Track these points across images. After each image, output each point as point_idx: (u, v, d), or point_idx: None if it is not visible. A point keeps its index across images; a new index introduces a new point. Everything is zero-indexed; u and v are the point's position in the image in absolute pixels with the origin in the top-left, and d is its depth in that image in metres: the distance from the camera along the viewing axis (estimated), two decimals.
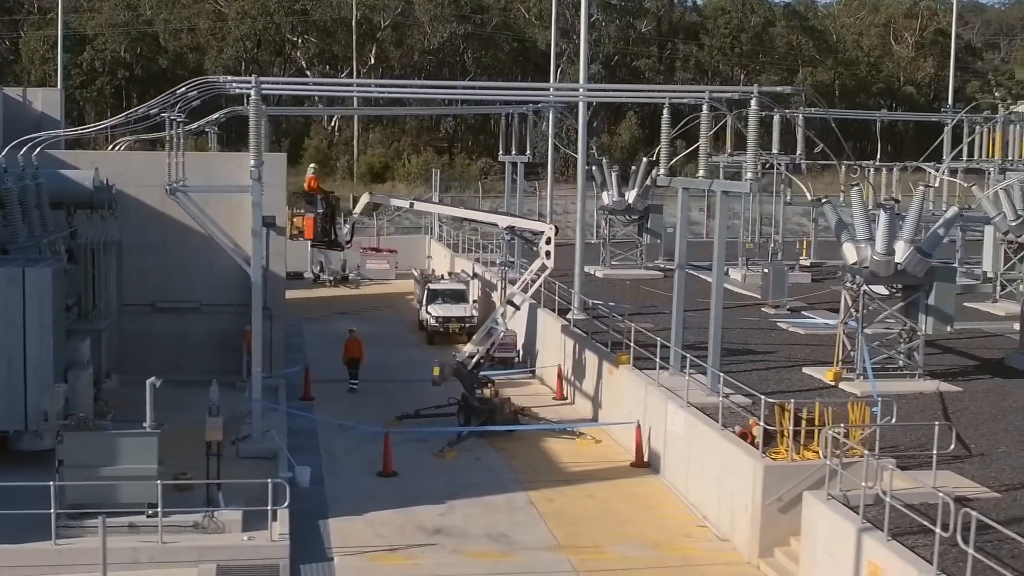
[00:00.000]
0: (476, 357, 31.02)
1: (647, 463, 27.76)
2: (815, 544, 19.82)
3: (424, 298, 44.39)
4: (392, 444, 27.34)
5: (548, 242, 30.49)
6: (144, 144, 47.73)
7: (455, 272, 50.28)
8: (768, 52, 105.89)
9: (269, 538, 20.89)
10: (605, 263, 48.87)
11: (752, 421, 23.50)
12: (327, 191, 33.07)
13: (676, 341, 29.17)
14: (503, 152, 47.72)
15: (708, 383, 26.87)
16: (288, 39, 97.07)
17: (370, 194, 33.24)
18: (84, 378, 25.60)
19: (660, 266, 48.81)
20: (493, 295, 43.25)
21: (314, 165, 35.60)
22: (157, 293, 34.17)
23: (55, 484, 20.07)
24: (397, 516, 23.88)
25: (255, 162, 26.30)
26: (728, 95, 28.56)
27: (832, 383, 28.06)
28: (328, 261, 57.17)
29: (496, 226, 34.44)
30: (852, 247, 28.55)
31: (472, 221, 44.00)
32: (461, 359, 31.07)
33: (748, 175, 25.72)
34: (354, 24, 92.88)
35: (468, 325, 41.62)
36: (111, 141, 47.88)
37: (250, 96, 26.64)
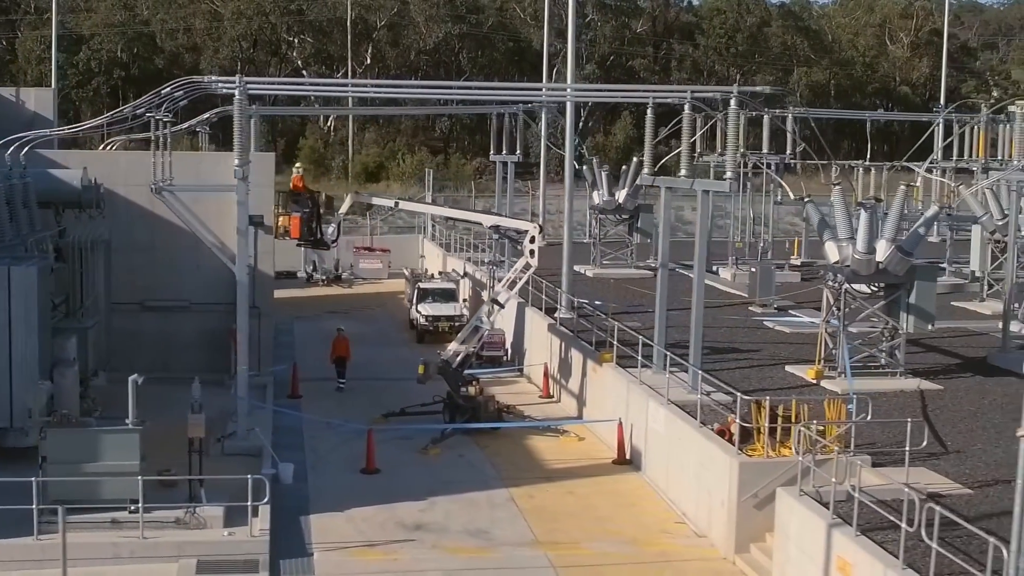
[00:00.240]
0: (461, 355, 31.23)
1: (629, 460, 27.95)
2: (788, 540, 20.02)
3: (414, 297, 44.63)
4: (376, 442, 27.53)
5: (532, 241, 30.74)
6: (139, 144, 47.83)
7: (446, 271, 50.47)
8: (764, 52, 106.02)
9: (249, 533, 21.10)
10: (596, 262, 49.06)
11: (730, 418, 23.67)
12: (312, 191, 33.28)
13: (659, 339, 29.38)
14: (494, 152, 47.97)
15: (689, 381, 27.07)
16: (284, 39, 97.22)
17: (356, 193, 33.42)
18: (70, 376, 25.81)
19: (651, 265, 48.88)
20: (483, 294, 43.39)
21: (299, 164, 35.80)
22: (146, 292, 34.29)
23: (36, 480, 20.27)
24: (378, 512, 24.07)
25: (239, 161, 26.52)
26: (710, 95, 28.78)
27: (814, 381, 28.25)
28: (321, 260, 57.28)
29: (481, 225, 34.64)
30: (834, 246, 28.74)
31: (458, 220, 44.14)
32: (446, 357, 31.29)
33: (728, 174, 25.97)
34: (349, 24, 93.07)
35: (458, 324, 41.76)
36: (105, 140, 48.00)
37: (246, 96, 26.80)
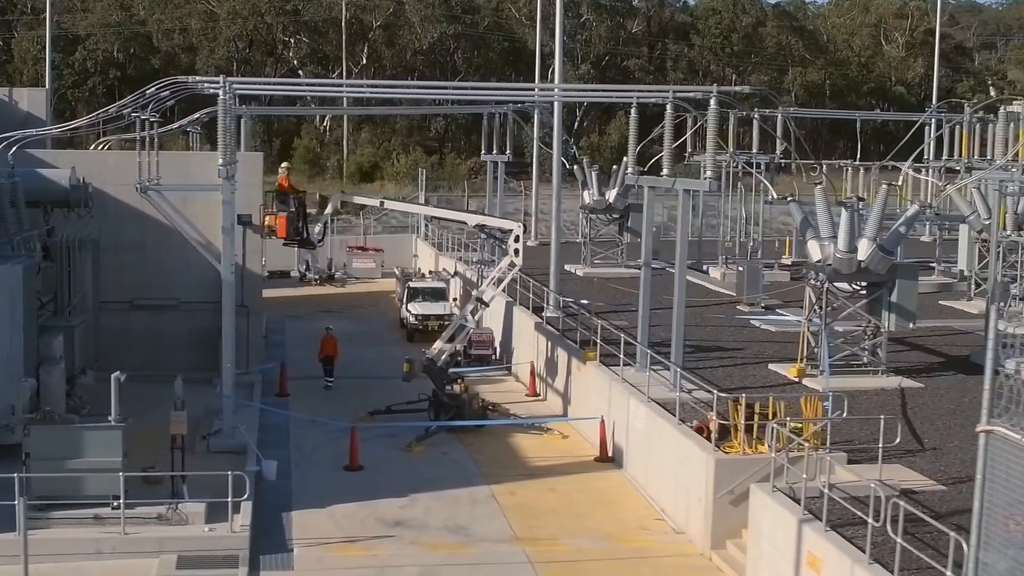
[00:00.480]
0: (447, 353, 31.44)
1: (611, 458, 28.12)
2: (761, 535, 20.22)
3: (404, 296, 44.83)
4: (361, 439, 27.70)
5: (517, 240, 30.95)
6: (131, 144, 47.96)
7: (436, 271, 50.67)
8: (759, 52, 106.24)
9: (230, 529, 21.31)
10: (586, 262, 49.27)
11: (709, 416, 23.88)
12: (298, 190, 33.47)
13: (642, 337, 29.58)
14: (485, 152, 48.24)
15: (671, 379, 27.27)
16: (280, 39, 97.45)
17: (342, 192, 33.62)
18: (56, 374, 26.00)
19: (640, 264, 49.05)
20: (473, 293, 43.57)
21: (286, 164, 35.95)
22: (135, 291, 34.44)
23: (19, 476, 20.46)
24: (359, 509, 24.27)
25: (223, 160, 26.72)
26: (693, 95, 28.98)
27: (796, 379, 28.44)
28: (314, 260, 57.43)
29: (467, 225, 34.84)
30: (816, 245, 28.95)
31: (444, 220, 44.30)
32: (431, 355, 31.49)
33: (708, 173, 26.19)
34: (344, 24, 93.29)
35: (447, 323, 41.92)
36: (98, 140, 48.22)
37: (231, 96, 26.96)
